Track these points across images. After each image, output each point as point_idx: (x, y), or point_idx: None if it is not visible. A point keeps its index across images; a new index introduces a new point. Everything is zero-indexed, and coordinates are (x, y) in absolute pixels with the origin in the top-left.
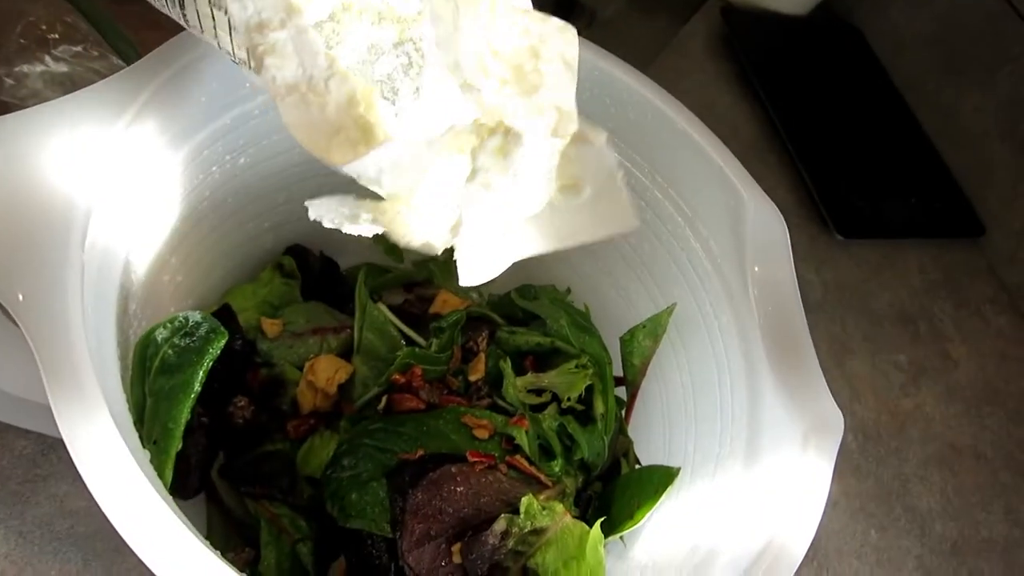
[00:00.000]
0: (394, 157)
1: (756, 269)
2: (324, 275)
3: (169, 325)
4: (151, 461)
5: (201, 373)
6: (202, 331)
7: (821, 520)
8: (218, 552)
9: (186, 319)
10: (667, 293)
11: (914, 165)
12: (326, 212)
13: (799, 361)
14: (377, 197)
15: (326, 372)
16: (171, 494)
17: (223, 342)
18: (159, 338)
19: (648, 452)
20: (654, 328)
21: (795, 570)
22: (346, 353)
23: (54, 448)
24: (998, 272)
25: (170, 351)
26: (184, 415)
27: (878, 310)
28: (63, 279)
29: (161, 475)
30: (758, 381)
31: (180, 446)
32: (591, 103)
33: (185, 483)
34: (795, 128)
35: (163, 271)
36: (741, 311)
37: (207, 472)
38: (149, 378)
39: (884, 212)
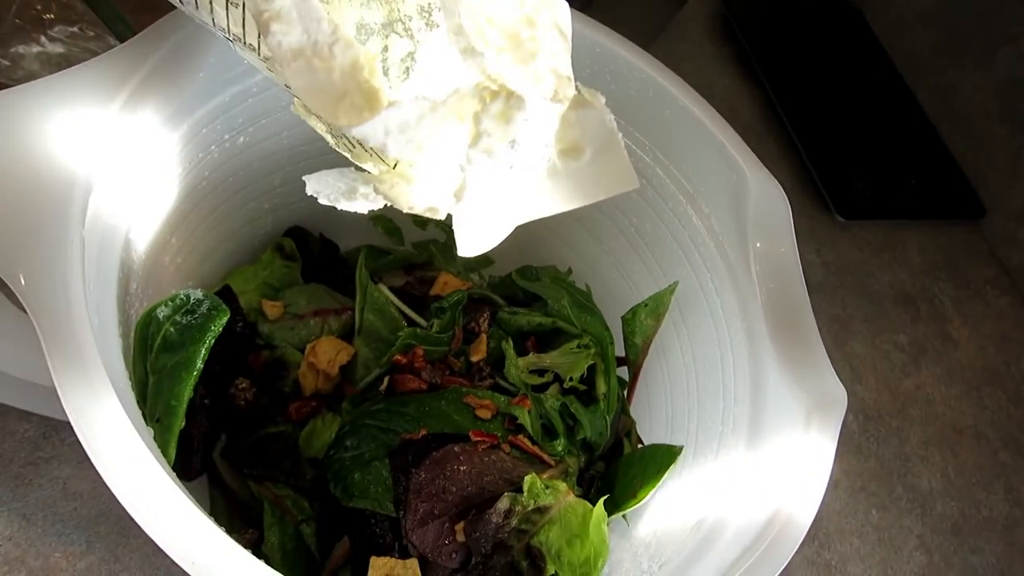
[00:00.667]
0: (400, 120)
1: (758, 245)
2: (324, 257)
3: (170, 303)
4: (155, 439)
5: (203, 350)
6: (203, 308)
7: (822, 500)
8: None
9: (187, 297)
10: (669, 272)
11: (914, 147)
12: (323, 187)
13: (802, 338)
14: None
15: (327, 354)
16: (177, 476)
17: (225, 319)
18: (160, 316)
19: (651, 431)
20: (656, 307)
21: (800, 541)
22: (347, 335)
23: (56, 431)
24: (999, 254)
25: (172, 329)
26: (187, 392)
27: (879, 291)
28: (64, 257)
29: (165, 453)
30: (761, 359)
31: (183, 424)
32: (592, 80)
33: (188, 465)
34: (795, 109)
35: (164, 251)
36: (743, 288)
37: (209, 454)
38: (151, 356)
39: (884, 194)
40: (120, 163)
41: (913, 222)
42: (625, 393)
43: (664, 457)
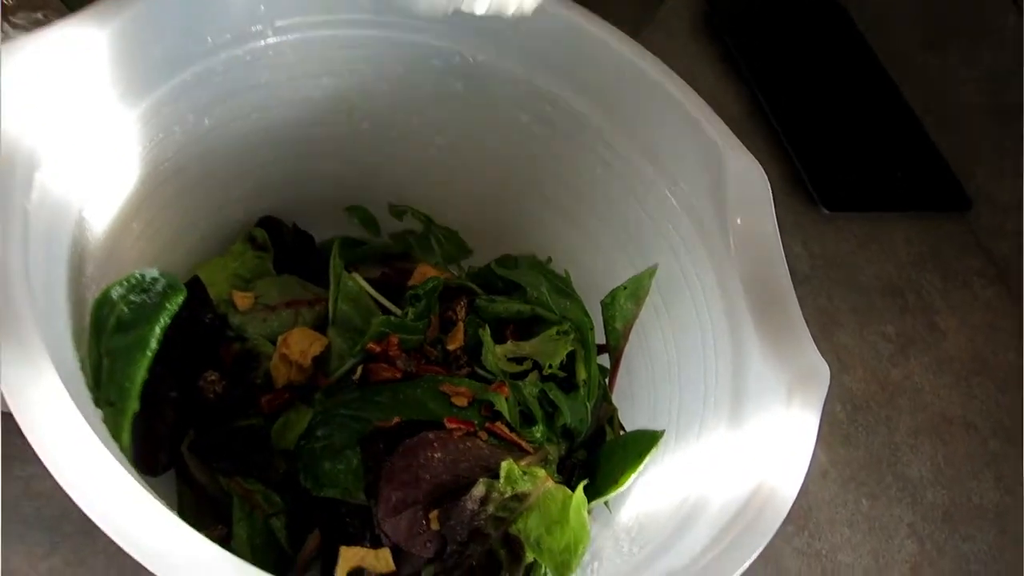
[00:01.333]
0: None
1: (737, 221)
2: (298, 248)
3: (125, 283)
4: (106, 423)
5: (158, 329)
6: (159, 287)
7: (812, 490)
8: None
9: (142, 276)
10: (648, 256)
11: (900, 140)
12: None
13: (782, 313)
14: None
15: (300, 344)
16: (139, 471)
17: (181, 298)
18: (114, 296)
19: (632, 419)
20: (635, 290)
21: (784, 515)
22: (321, 326)
23: (18, 428)
24: (985, 245)
25: (125, 308)
26: (141, 373)
27: (865, 283)
28: (3, 226)
29: (118, 437)
30: (742, 339)
31: (138, 407)
32: (568, 63)
33: (154, 459)
34: (780, 104)
35: (125, 235)
36: (724, 269)
37: (177, 448)
38: (105, 338)
39: (870, 186)
40: (73, 137)
41: (899, 214)
42: (607, 382)
43: (645, 442)
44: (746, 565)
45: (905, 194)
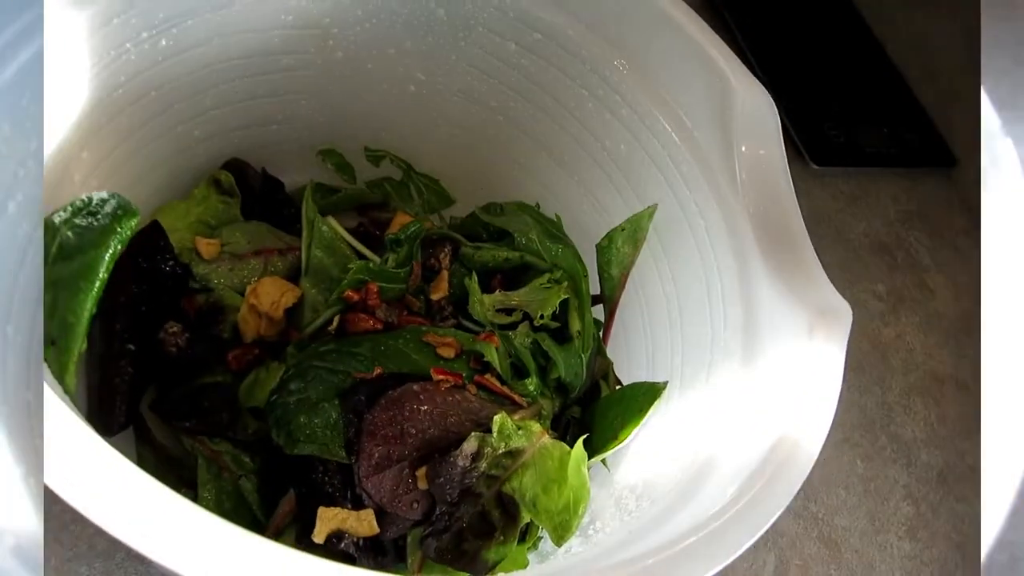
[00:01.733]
0: None
1: (743, 149)
2: (266, 195)
3: (69, 207)
4: (49, 364)
5: (107, 256)
6: (108, 208)
7: None
8: None
9: (89, 198)
10: (646, 197)
11: (885, 97)
12: None
13: (795, 248)
14: None
15: (271, 295)
16: (95, 429)
17: (134, 221)
18: (57, 221)
19: (628, 374)
20: (633, 231)
21: (809, 471)
22: (293, 277)
23: None
24: (971, 203)
25: (69, 233)
26: (87, 306)
27: (854, 240)
28: None
29: (62, 379)
30: (752, 277)
31: (85, 345)
32: None
33: (110, 417)
34: (766, 60)
35: (73, 166)
36: (729, 204)
37: (136, 406)
38: (46, 268)
39: (857, 141)
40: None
41: (886, 171)
42: (601, 333)
43: (646, 395)
44: (774, 519)
45: (891, 151)
